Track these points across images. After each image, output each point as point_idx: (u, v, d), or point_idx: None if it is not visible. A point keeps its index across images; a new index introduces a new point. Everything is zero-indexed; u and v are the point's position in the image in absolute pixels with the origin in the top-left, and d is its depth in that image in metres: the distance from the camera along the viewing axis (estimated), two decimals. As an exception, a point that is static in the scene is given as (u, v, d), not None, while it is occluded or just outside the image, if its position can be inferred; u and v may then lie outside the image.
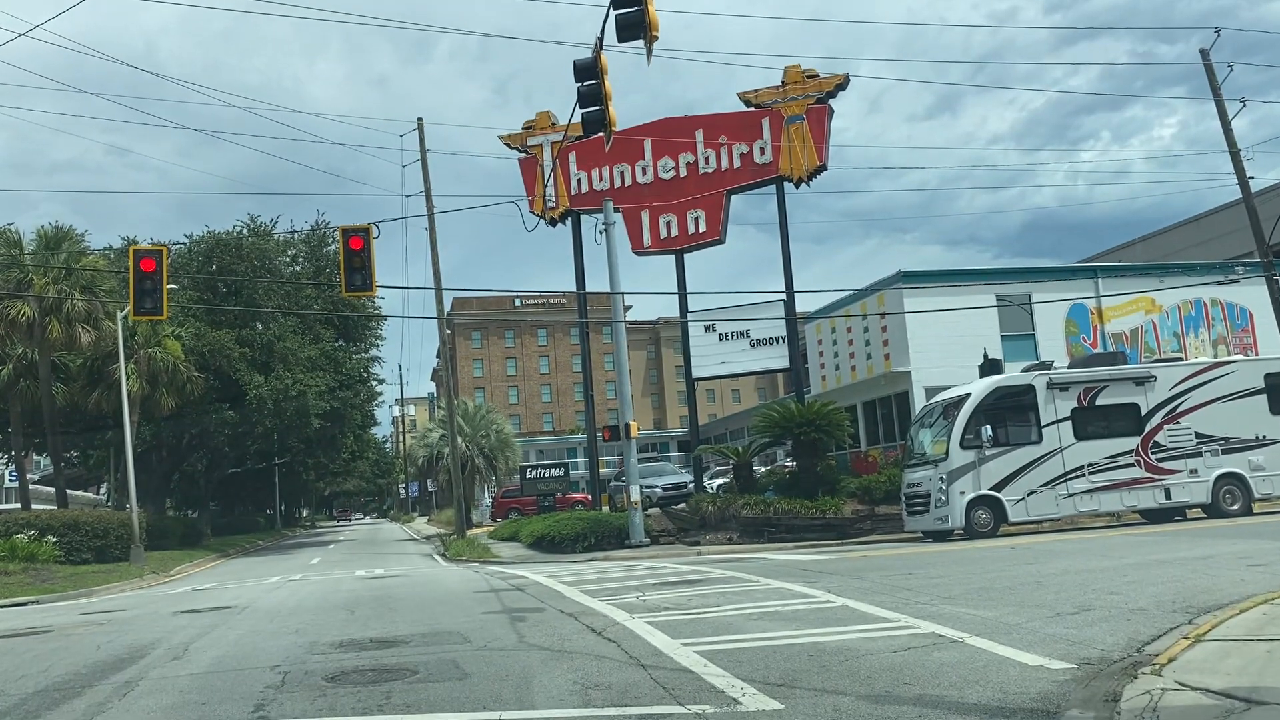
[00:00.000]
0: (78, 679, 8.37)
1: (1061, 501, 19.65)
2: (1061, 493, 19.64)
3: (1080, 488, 19.69)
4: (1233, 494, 20.12)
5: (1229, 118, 26.62)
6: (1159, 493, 19.99)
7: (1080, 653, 7.04)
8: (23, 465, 35.88)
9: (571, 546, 23.57)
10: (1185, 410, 20.31)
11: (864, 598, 10.44)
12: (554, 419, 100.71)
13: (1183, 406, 20.33)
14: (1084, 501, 19.74)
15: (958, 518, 19.34)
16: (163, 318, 19.81)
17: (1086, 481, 19.72)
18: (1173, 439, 20.17)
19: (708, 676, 6.91)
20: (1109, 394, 20.30)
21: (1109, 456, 19.89)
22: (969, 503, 19.35)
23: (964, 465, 19.52)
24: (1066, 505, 19.69)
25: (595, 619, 10.10)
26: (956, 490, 19.42)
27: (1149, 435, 20.10)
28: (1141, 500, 20.03)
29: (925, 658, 7.15)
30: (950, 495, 19.44)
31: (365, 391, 47.22)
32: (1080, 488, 19.69)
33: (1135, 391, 20.35)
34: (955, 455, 19.57)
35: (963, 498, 19.36)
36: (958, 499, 19.36)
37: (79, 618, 14.46)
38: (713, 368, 28.13)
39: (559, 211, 29.36)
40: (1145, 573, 11.20)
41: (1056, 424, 19.88)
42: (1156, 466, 20.01)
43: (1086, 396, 20.17)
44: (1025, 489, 19.55)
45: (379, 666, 8.08)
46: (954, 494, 19.41)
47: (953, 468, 19.53)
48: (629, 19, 10.73)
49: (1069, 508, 19.71)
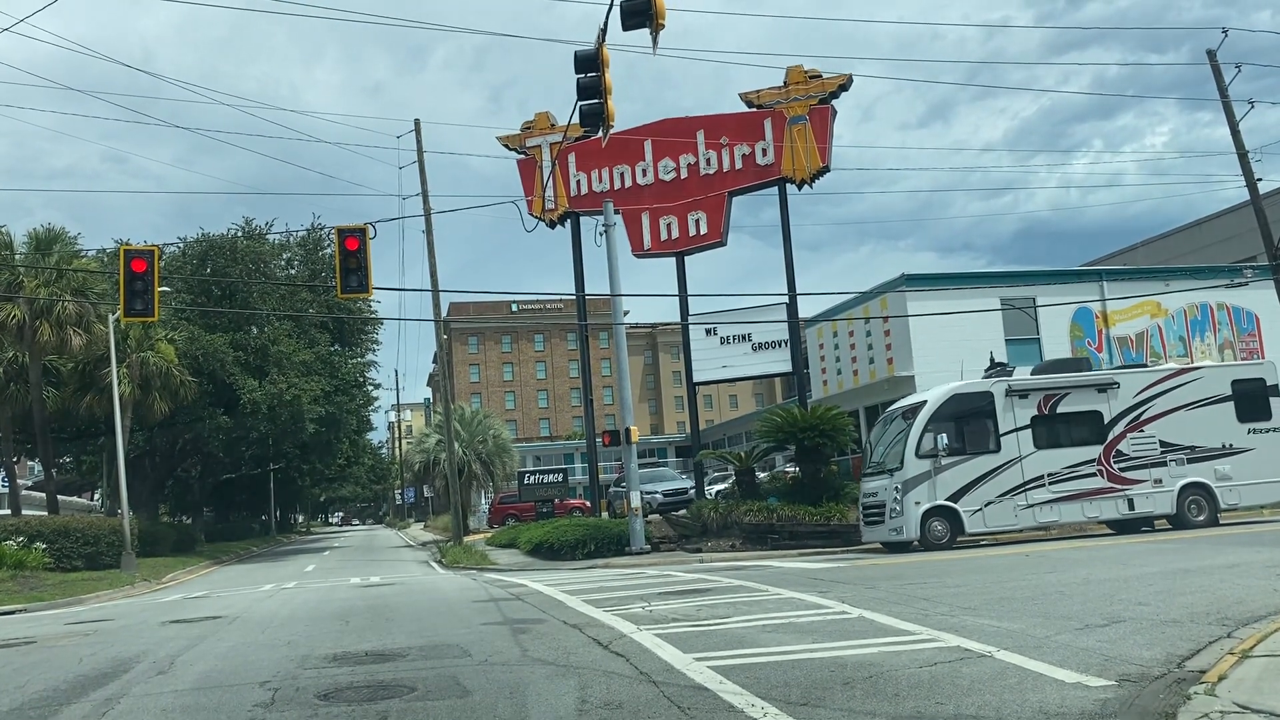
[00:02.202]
0: (55, 696, 7.92)
1: (1020, 512, 18.95)
2: (1020, 503, 18.94)
3: (1040, 498, 19.01)
4: (1198, 504, 19.46)
5: (1236, 120, 26.31)
6: (1122, 503, 19.34)
7: (1118, 668, 6.65)
8: (13, 470, 35.38)
9: (571, 554, 23.18)
10: (1149, 418, 19.67)
11: (880, 608, 10.03)
12: (551, 424, 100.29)
13: (1147, 414, 19.68)
14: (1044, 512, 19.05)
15: (912, 529, 18.71)
16: (154, 319, 19.41)
17: (1046, 492, 19.04)
18: (1136, 448, 19.52)
19: (724, 694, 6.50)
20: (1070, 401, 19.65)
21: (1070, 466, 19.23)
22: (924, 513, 18.71)
23: (919, 475, 18.90)
24: (1025, 516, 18.99)
25: (600, 631, 9.68)
26: (911, 500, 18.79)
27: (1112, 444, 19.46)
28: (1103, 511, 19.38)
29: (954, 674, 6.75)
30: (905, 505, 18.81)
31: (361, 396, 46.80)
32: (1040, 498, 19.01)
33: (1098, 399, 19.71)
34: (910, 464, 18.96)
35: (918, 508, 18.73)
36: (912, 509, 18.73)
37: (64, 628, 14.01)
38: (714, 372, 27.76)
39: (558, 213, 29.00)
40: (1172, 582, 10.81)
41: (1015, 432, 19.22)
42: (1119, 476, 19.36)
43: (1047, 404, 19.53)
44: (983, 499, 18.88)
45: (375, 683, 7.65)
46: (909, 504, 18.78)
47: (908, 477, 18.93)
48: (635, 6, 10.36)
49: (1028, 519, 19.03)
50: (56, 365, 33.09)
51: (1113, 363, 30.52)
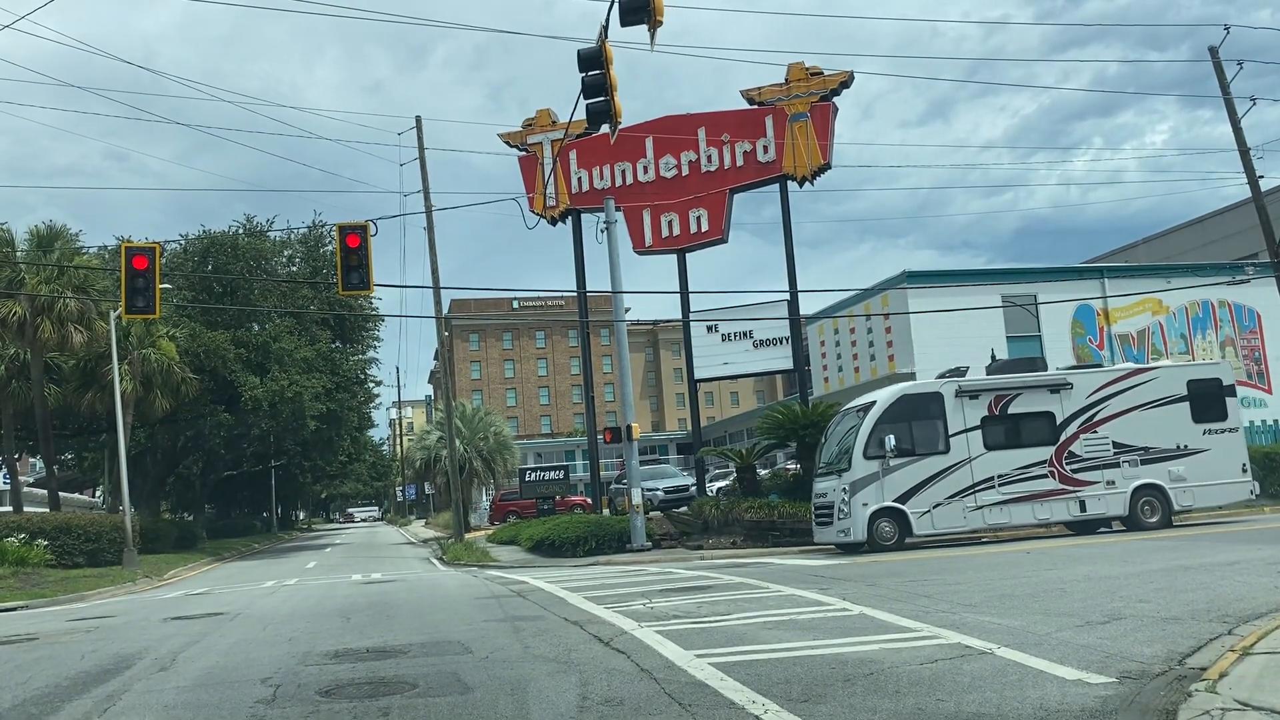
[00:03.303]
0: (57, 692, 7.94)
1: (970, 514, 18.62)
2: (970, 505, 18.60)
3: (989, 500, 18.65)
4: (1152, 506, 19.14)
5: (1239, 117, 26.30)
6: (1073, 505, 18.99)
7: (1119, 665, 6.65)
8: (15, 467, 35.40)
9: (572, 551, 23.19)
10: (1103, 419, 19.31)
11: (881, 605, 10.04)
12: (552, 421, 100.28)
13: (1100, 415, 19.32)
14: (993, 514, 18.70)
15: (860, 530, 18.47)
16: (155, 316, 19.40)
17: (996, 493, 18.70)
18: (1089, 449, 19.14)
19: (725, 691, 6.51)
20: (1022, 402, 19.27)
21: (1021, 467, 18.88)
22: (872, 515, 18.44)
23: (867, 476, 18.62)
24: (975, 518, 18.68)
25: (602, 627, 9.69)
26: (859, 502, 18.52)
27: (1064, 445, 19.08)
28: (1055, 513, 19.04)
29: (955, 670, 6.75)
30: (853, 507, 18.56)
31: (362, 393, 46.80)
32: (989, 500, 18.65)
33: (1050, 400, 19.33)
34: (858, 465, 18.68)
35: (865, 509, 18.46)
36: (860, 511, 18.47)
37: (66, 624, 14.03)
38: (715, 369, 27.75)
39: (559, 210, 28.98)
40: (1172, 579, 10.81)
41: (965, 433, 18.86)
42: (1071, 478, 19.04)
43: (998, 405, 19.19)
44: (931, 501, 18.55)
45: (376, 679, 7.66)
46: (856, 505, 18.53)
47: (856, 478, 18.66)
48: (634, 3, 10.35)
49: (977, 520, 18.73)
50: (58, 362, 33.12)
51: (1114, 360, 30.51)
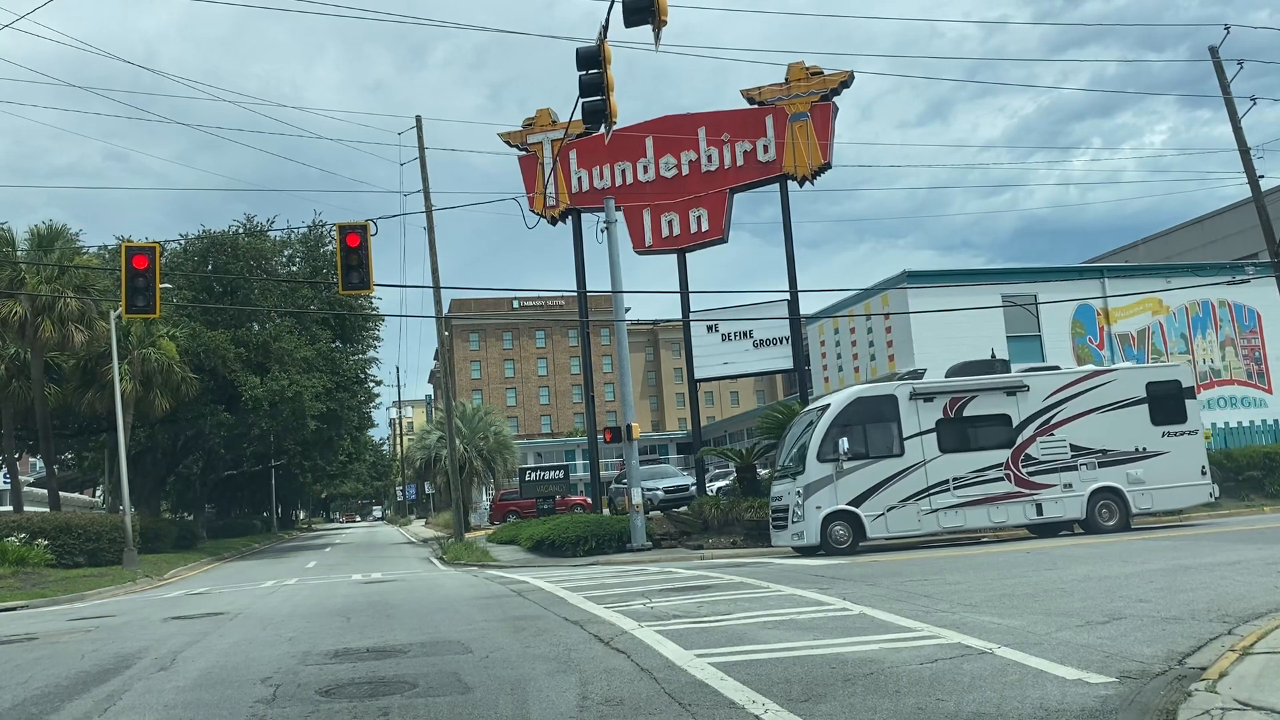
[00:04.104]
0: (57, 692, 7.94)
1: (924, 517, 18.52)
2: (924, 508, 18.52)
3: (944, 503, 18.55)
4: (1109, 509, 18.98)
5: (1239, 116, 26.29)
6: (1029, 508, 18.84)
7: (1119, 665, 6.65)
8: (15, 467, 35.40)
9: (572, 550, 23.19)
10: (1060, 421, 19.14)
11: (881, 605, 10.04)
12: (552, 421, 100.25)
13: (1058, 418, 19.15)
14: (948, 517, 18.58)
15: (813, 534, 18.39)
16: (155, 316, 19.39)
17: (951, 496, 18.59)
18: (1046, 452, 18.98)
19: (725, 691, 6.51)
20: (978, 405, 19.12)
21: (976, 470, 18.74)
22: (825, 518, 18.36)
23: (821, 479, 18.56)
24: (929, 521, 18.56)
25: (602, 627, 9.69)
26: (813, 505, 18.46)
27: (1020, 448, 18.93)
28: (1011, 516, 18.85)
29: (955, 670, 6.75)
30: (806, 510, 18.49)
31: (362, 393, 46.78)
32: (944, 503, 18.55)
33: (1006, 402, 19.16)
34: (812, 468, 18.61)
35: (819, 512, 18.38)
36: (813, 514, 18.39)
37: (67, 624, 14.03)
38: (715, 368, 27.77)
39: (559, 210, 28.99)
40: (1172, 579, 10.81)
41: (920, 436, 18.73)
42: (1027, 481, 18.87)
43: (953, 407, 19.05)
44: (885, 504, 18.48)
45: (376, 679, 7.66)
46: (810, 508, 18.46)
47: (809, 481, 18.61)
48: (638, 3, 10.34)
49: (932, 524, 18.60)
50: (58, 362, 33.11)
51: (1114, 360, 30.50)
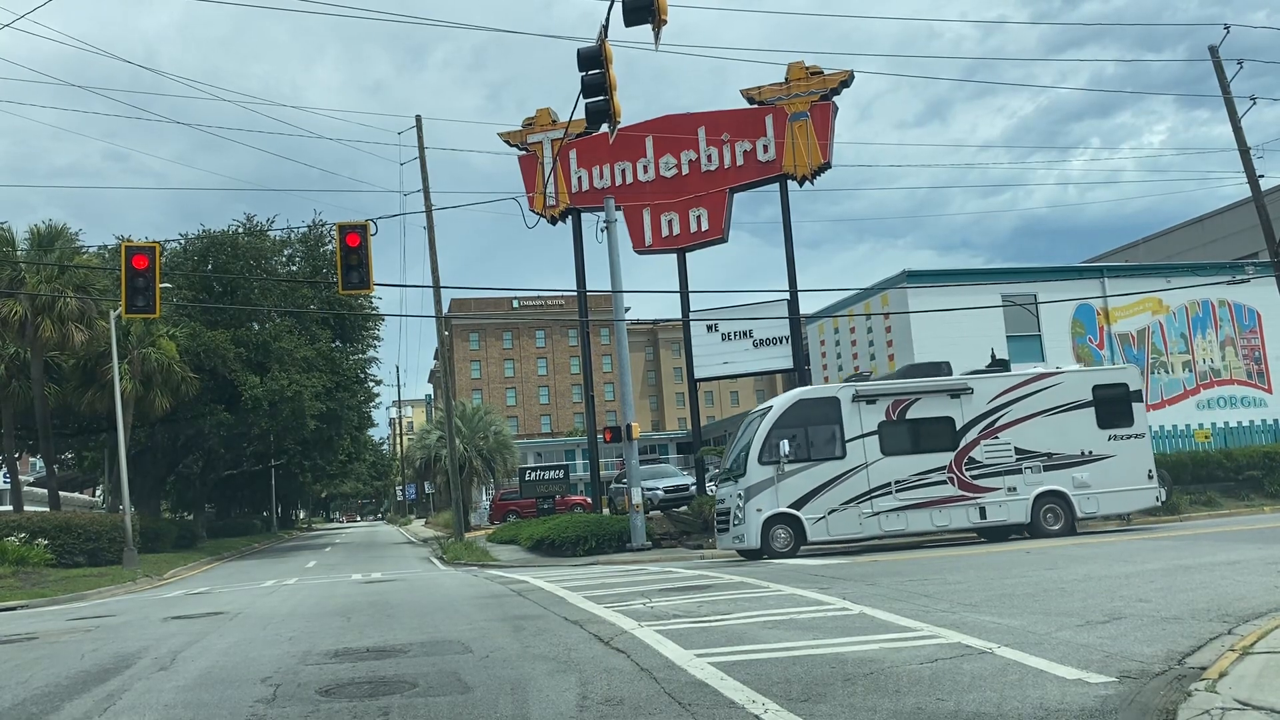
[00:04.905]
0: (57, 691, 7.94)
1: (865, 520, 18.45)
2: (865, 511, 18.44)
3: (886, 506, 18.48)
4: (1055, 513, 18.84)
5: (1238, 116, 26.28)
6: (973, 511, 18.74)
7: (1118, 665, 6.64)
8: (15, 467, 35.40)
9: (572, 550, 23.20)
10: (1005, 424, 19.04)
11: (881, 604, 10.04)
12: (552, 420, 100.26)
13: (1002, 420, 19.04)
14: (890, 521, 18.51)
15: (754, 537, 18.28)
16: (155, 315, 19.39)
17: (893, 499, 18.51)
18: (990, 455, 18.88)
19: (725, 690, 6.50)
20: (921, 407, 19.03)
21: (919, 473, 18.65)
22: (765, 521, 18.26)
23: (762, 481, 18.44)
24: (871, 524, 18.48)
25: (601, 627, 9.69)
26: (754, 508, 18.33)
27: (964, 451, 18.83)
28: (954, 519, 18.76)
29: (955, 670, 6.75)
30: (747, 513, 18.36)
31: (362, 393, 46.80)
32: (886, 506, 18.48)
33: (950, 405, 19.06)
34: (753, 471, 18.52)
35: (759, 515, 18.26)
36: (754, 517, 18.27)
37: (66, 624, 14.03)
38: (715, 368, 27.79)
39: (559, 209, 29.00)
40: (1172, 579, 10.81)
41: (862, 438, 18.64)
42: (970, 484, 18.76)
43: (895, 410, 18.95)
44: (826, 507, 18.39)
45: (376, 678, 7.66)
46: (750, 511, 18.33)
47: (751, 484, 18.49)
48: (638, 2, 10.34)
49: (873, 527, 18.51)
50: (58, 361, 33.12)
51: (1114, 359, 30.51)
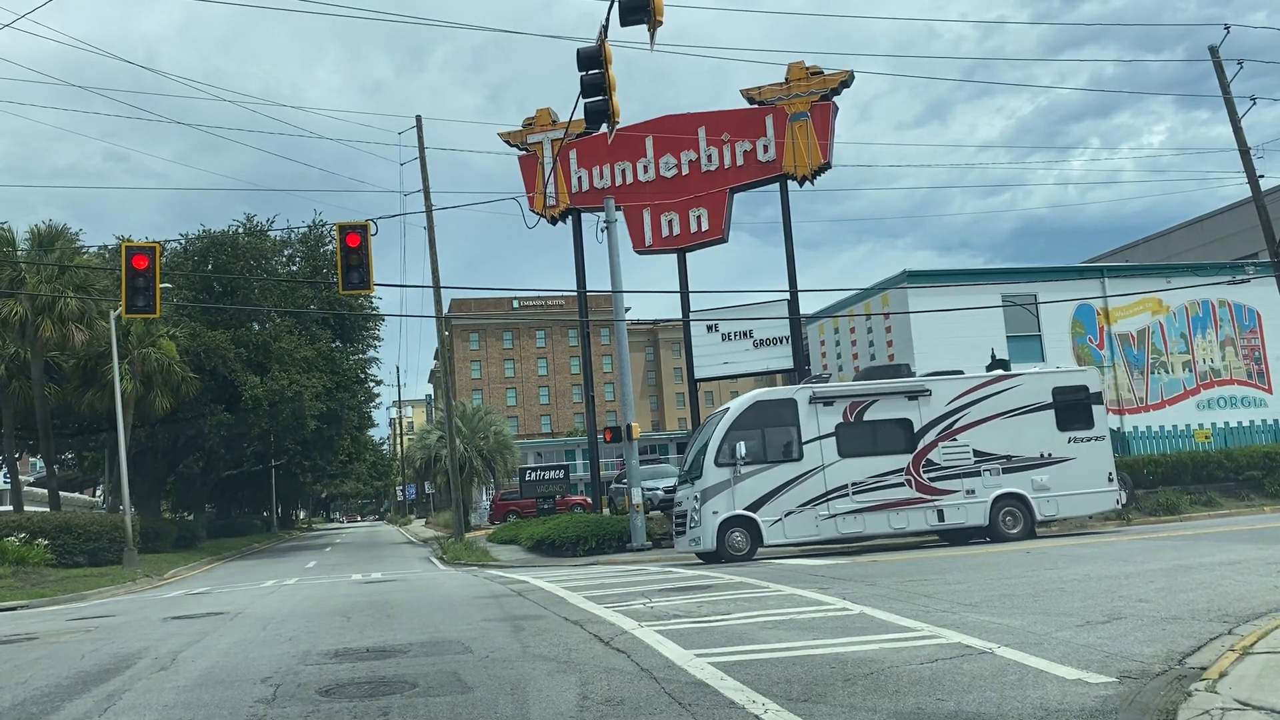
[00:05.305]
0: (57, 692, 7.94)
1: (822, 523, 18.33)
2: (822, 513, 18.33)
3: (843, 508, 18.38)
4: (1014, 515, 18.75)
5: (1239, 116, 26.28)
6: (931, 514, 18.65)
7: (1118, 665, 6.65)
8: (15, 467, 35.41)
9: (572, 550, 23.21)
10: (963, 426, 18.93)
11: (881, 605, 10.04)
12: (552, 421, 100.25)
13: (961, 423, 18.93)
14: (847, 523, 18.40)
15: (710, 539, 18.22)
16: (155, 315, 19.39)
17: (850, 501, 18.42)
18: (948, 457, 18.78)
19: (725, 691, 6.51)
20: (878, 409, 18.93)
21: (876, 475, 18.55)
22: (722, 523, 18.19)
23: (719, 483, 18.37)
24: (827, 527, 18.37)
25: (602, 627, 9.69)
26: (710, 510, 18.26)
27: (922, 453, 18.74)
28: (912, 522, 18.65)
29: (955, 670, 6.75)
30: (704, 515, 18.30)
31: (362, 393, 46.83)
32: (843, 508, 18.38)
33: (908, 407, 18.97)
34: (710, 473, 18.43)
35: (715, 517, 18.18)
36: (710, 519, 18.19)
37: (66, 624, 14.03)
38: (715, 368, 27.79)
39: (559, 209, 29.01)
40: (1172, 579, 10.81)
41: (819, 440, 18.54)
42: (928, 486, 18.67)
43: (853, 411, 18.81)
44: (783, 509, 18.29)
45: (376, 679, 7.66)
46: (707, 514, 18.26)
47: (707, 486, 18.41)
48: (634, 2, 10.35)
49: (830, 529, 18.39)
50: (58, 362, 33.11)
51: (1114, 359, 30.52)
